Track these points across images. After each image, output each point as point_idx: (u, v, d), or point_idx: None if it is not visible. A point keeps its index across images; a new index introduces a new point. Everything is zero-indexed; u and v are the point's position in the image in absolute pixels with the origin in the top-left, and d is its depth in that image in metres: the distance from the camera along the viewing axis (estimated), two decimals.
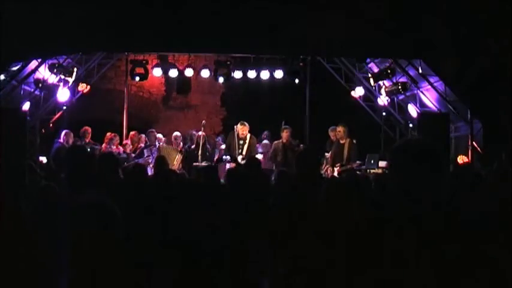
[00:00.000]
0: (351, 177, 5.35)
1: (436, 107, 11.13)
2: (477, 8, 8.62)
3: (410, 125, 11.68)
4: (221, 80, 12.25)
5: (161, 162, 6.37)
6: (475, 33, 8.71)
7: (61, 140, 10.03)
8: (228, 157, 10.58)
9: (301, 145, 10.92)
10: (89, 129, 10.70)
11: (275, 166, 10.18)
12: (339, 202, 3.19)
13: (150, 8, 9.02)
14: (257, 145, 10.88)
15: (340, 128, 10.08)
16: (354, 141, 10.01)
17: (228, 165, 9.94)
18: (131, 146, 11.06)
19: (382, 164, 10.10)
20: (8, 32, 8.23)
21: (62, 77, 11.20)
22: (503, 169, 6.95)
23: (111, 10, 8.86)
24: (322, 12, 9.10)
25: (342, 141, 10.03)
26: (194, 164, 10.20)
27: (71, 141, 10.15)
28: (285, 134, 10.37)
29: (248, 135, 10.40)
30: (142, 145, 10.94)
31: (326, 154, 10.44)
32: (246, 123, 10.43)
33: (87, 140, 10.52)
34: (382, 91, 11.96)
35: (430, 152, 1.90)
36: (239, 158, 10.17)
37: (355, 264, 1.89)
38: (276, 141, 10.60)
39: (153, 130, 10.94)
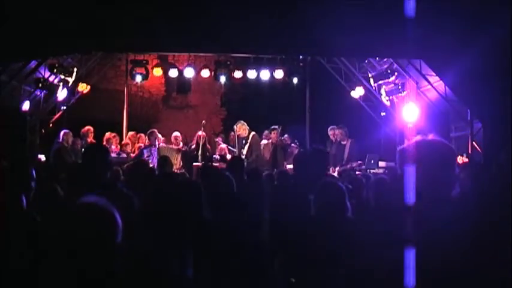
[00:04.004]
0: None
1: (436, 106, 11.13)
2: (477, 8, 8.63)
3: (410, 125, 11.69)
4: (221, 80, 12.26)
5: (164, 162, 6.33)
6: (475, 32, 8.71)
7: (60, 140, 9.99)
8: (218, 156, 10.59)
9: (293, 145, 10.92)
10: (91, 129, 10.61)
11: (260, 165, 10.14)
12: None
13: (150, 8, 9.01)
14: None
15: (337, 131, 10.13)
16: (355, 141, 10.04)
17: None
18: (131, 147, 11.05)
19: (382, 164, 10.12)
20: (8, 32, 8.23)
21: (62, 77, 11.20)
22: (503, 168, 6.96)
23: (111, 10, 8.85)
24: (322, 12, 9.09)
25: (343, 142, 10.07)
26: (194, 164, 10.20)
27: (70, 141, 10.12)
28: (273, 135, 10.45)
29: (251, 134, 10.36)
30: (142, 145, 10.93)
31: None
32: (243, 122, 10.41)
33: (89, 140, 10.42)
34: (382, 91, 11.97)
35: (442, 151, 1.92)
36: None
37: None
38: (265, 142, 10.66)
39: (155, 130, 10.93)
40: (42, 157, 10.40)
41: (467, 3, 8.79)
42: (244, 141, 10.35)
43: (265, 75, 11.82)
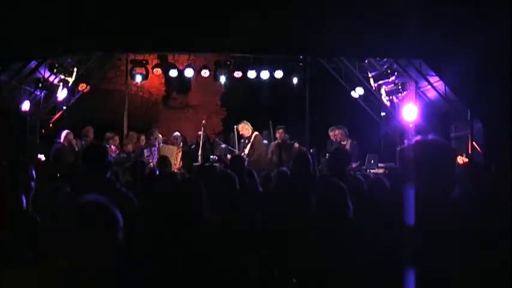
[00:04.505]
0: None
1: (436, 106, 11.13)
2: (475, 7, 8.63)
3: (410, 125, 11.69)
4: (221, 80, 12.26)
5: (164, 162, 6.33)
6: (475, 32, 8.71)
7: (61, 140, 9.97)
8: (216, 157, 10.59)
9: (296, 144, 10.93)
10: (91, 129, 10.58)
11: (261, 165, 10.13)
12: None
13: (150, 8, 9.01)
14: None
15: (337, 131, 10.14)
16: (355, 142, 10.04)
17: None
18: (131, 147, 11.04)
19: (382, 164, 10.12)
20: (8, 32, 8.23)
21: (62, 77, 11.20)
22: (503, 169, 6.96)
23: (111, 10, 8.85)
24: (322, 12, 9.09)
25: (343, 142, 10.08)
26: (194, 164, 10.19)
27: (70, 141, 10.10)
28: (278, 135, 10.45)
29: (254, 134, 10.33)
30: (142, 145, 10.93)
31: (327, 154, 10.41)
32: (246, 121, 10.39)
33: (89, 140, 10.39)
34: (382, 91, 11.97)
35: (442, 151, 1.92)
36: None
37: None
38: (265, 142, 10.69)
39: (155, 130, 10.92)
40: (42, 157, 10.38)
41: (468, 3, 8.79)
42: (246, 141, 10.35)
43: (265, 75, 11.82)
